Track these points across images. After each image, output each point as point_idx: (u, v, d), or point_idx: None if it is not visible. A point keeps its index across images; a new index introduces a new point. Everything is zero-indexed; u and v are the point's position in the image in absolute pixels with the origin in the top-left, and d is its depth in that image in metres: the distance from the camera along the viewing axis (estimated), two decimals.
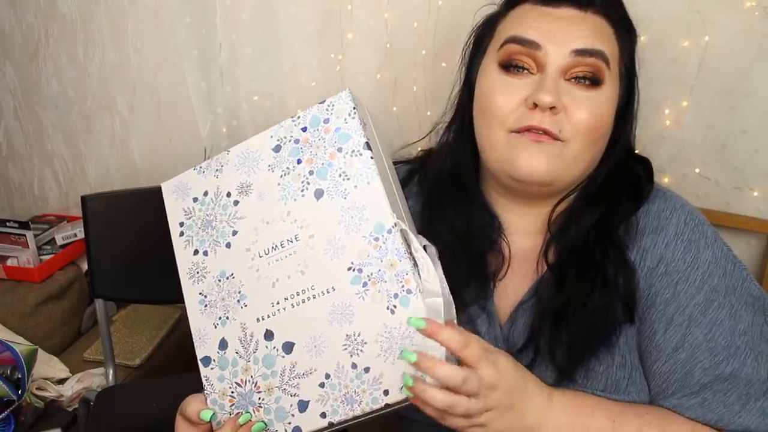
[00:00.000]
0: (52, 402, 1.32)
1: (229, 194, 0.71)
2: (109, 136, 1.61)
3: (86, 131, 1.63)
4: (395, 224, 0.62)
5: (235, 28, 1.35)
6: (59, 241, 1.62)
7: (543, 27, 0.64)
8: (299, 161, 0.68)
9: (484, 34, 0.72)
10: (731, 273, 0.63)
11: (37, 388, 1.32)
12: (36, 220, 1.68)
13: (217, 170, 0.73)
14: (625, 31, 0.68)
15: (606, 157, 0.69)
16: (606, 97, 0.65)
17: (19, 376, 1.20)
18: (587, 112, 0.63)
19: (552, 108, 0.62)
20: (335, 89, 1.29)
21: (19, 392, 1.19)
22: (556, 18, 0.65)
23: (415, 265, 0.62)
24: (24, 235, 1.50)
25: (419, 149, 0.85)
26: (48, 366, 1.39)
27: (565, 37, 0.64)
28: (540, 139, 0.63)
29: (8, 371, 1.19)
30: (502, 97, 0.65)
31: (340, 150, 0.66)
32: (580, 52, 0.63)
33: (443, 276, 0.66)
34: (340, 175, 0.65)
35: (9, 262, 1.53)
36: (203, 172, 0.74)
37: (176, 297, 0.74)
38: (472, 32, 0.74)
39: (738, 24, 0.98)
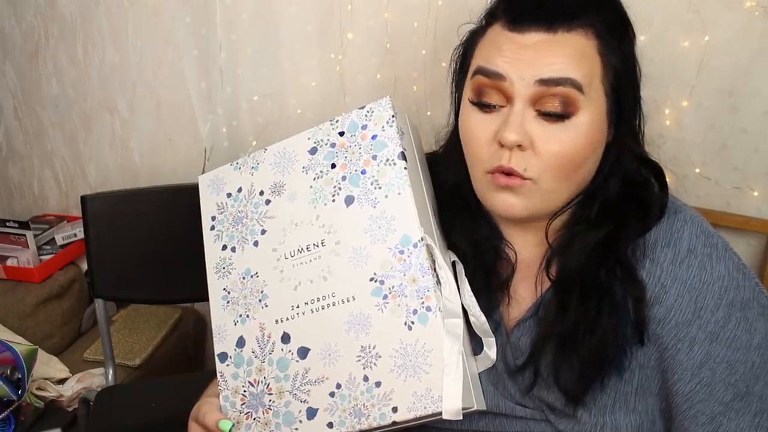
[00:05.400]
0: (52, 402, 1.32)
1: (262, 192, 0.71)
2: (109, 136, 1.61)
3: (86, 131, 1.63)
4: (422, 238, 0.62)
5: (235, 28, 1.34)
6: (59, 241, 1.62)
7: (509, 56, 0.61)
8: (333, 166, 0.67)
9: (467, 51, 0.69)
10: (743, 284, 0.62)
11: (37, 388, 1.31)
12: (36, 220, 1.68)
13: (252, 167, 0.73)
14: (614, 38, 0.63)
15: (601, 170, 0.66)
16: (582, 124, 0.61)
17: (19, 376, 1.20)
18: (557, 146, 0.60)
19: (519, 145, 0.61)
20: (335, 89, 1.30)
21: (19, 392, 1.19)
22: (522, 45, 0.60)
23: (439, 282, 0.62)
24: (24, 235, 1.50)
25: None
26: (48, 366, 1.39)
27: (529, 66, 0.60)
28: (509, 183, 0.62)
29: (8, 371, 1.19)
30: (476, 134, 0.64)
31: (374, 157, 0.65)
32: (546, 82, 0.59)
33: (472, 294, 0.65)
34: (372, 183, 0.65)
35: (9, 262, 1.53)
36: (239, 168, 0.74)
37: (176, 297, 0.74)
38: (457, 49, 0.71)
39: (738, 23, 0.98)
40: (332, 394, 0.62)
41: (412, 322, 0.60)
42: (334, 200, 0.66)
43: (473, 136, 0.64)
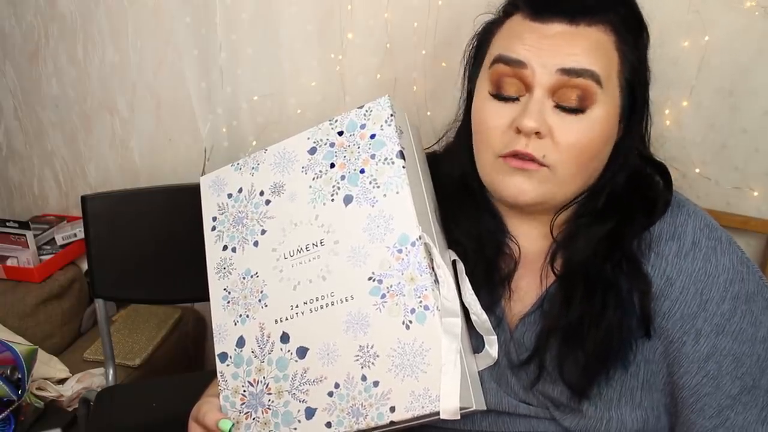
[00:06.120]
0: (52, 402, 1.32)
1: (262, 193, 0.71)
2: (109, 136, 1.61)
3: (86, 131, 1.63)
4: (420, 237, 0.62)
5: (235, 28, 1.35)
6: (59, 241, 1.62)
7: (531, 45, 0.62)
8: (332, 165, 0.68)
9: (482, 42, 0.70)
10: (748, 278, 0.63)
11: (37, 388, 1.31)
12: (36, 220, 1.68)
13: (253, 168, 0.73)
14: (630, 35, 0.64)
15: (609, 166, 0.67)
16: (597, 117, 0.62)
17: (19, 376, 1.20)
18: (574, 137, 0.61)
19: (537, 133, 0.61)
20: (335, 89, 1.30)
21: (19, 392, 1.19)
22: (544, 35, 0.62)
23: (437, 281, 0.62)
24: (24, 235, 1.50)
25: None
26: (48, 366, 1.39)
27: (552, 55, 0.61)
28: (525, 166, 0.62)
29: (8, 371, 1.19)
30: (491, 121, 0.64)
31: (373, 157, 0.66)
32: (567, 72, 0.60)
33: (473, 293, 0.65)
34: (370, 182, 0.65)
35: (9, 262, 1.53)
36: (240, 168, 0.74)
37: (176, 297, 0.74)
38: (472, 39, 0.72)
39: (738, 24, 0.98)
40: (330, 394, 0.62)
41: (410, 321, 0.60)
42: (333, 200, 0.66)
43: (488, 125, 0.65)
